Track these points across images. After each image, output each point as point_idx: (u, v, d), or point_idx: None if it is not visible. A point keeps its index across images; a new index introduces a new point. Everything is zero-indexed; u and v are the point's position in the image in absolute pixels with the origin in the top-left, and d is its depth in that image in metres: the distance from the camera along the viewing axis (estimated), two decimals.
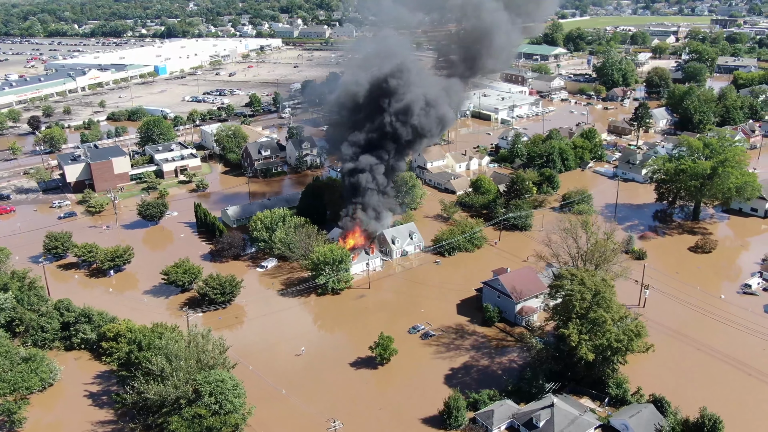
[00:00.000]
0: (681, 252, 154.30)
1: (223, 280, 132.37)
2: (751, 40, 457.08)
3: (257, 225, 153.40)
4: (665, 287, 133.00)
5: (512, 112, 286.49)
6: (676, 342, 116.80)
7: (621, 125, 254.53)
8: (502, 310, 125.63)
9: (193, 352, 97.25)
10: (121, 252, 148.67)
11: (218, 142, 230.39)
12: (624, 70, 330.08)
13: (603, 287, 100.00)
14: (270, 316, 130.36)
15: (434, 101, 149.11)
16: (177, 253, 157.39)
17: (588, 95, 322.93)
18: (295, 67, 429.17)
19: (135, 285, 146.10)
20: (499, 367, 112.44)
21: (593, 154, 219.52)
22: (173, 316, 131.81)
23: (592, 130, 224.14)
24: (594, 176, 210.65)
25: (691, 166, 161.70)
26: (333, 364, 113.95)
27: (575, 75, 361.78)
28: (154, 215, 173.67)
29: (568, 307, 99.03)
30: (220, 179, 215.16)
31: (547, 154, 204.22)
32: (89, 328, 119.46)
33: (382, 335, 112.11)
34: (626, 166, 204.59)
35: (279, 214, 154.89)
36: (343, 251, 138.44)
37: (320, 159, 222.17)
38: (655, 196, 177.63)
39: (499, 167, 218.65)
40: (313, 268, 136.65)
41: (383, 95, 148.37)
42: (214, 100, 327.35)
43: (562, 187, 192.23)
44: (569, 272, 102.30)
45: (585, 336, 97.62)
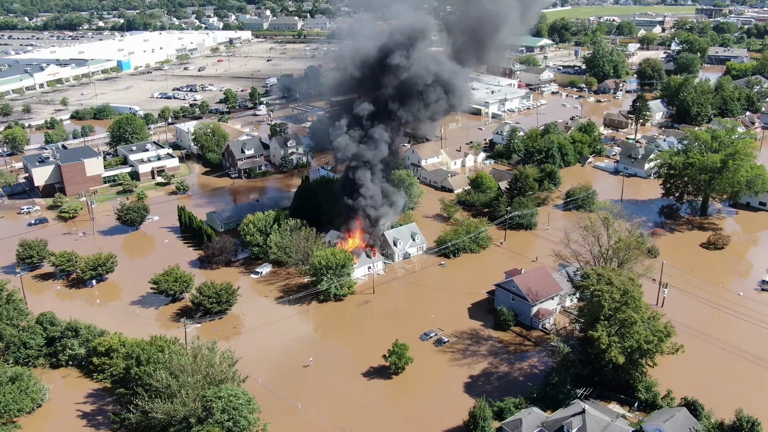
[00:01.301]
0: (693, 248, 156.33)
1: (219, 288, 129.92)
2: (738, 29, 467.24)
3: (250, 228, 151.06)
4: (682, 285, 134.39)
5: (503, 105, 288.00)
6: (700, 341, 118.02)
7: (617, 118, 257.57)
8: (517, 313, 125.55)
9: (200, 366, 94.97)
10: (104, 260, 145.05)
11: (196, 141, 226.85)
12: (615, 61, 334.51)
13: (631, 286, 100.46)
14: (270, 326, 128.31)
15: (443, 76, 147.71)
16: (162, 260, 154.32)
17: (579, 88, 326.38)
18: (269, 61, 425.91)
19: (120, 295, 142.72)
20: (521, 373, 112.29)
21: (592, 149, 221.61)
22: (164, 327, 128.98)
23: (590, 124, 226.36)
24: (594, 172, 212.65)
25: (699, 159, 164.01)
26: (345, 375, 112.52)
27: (564, 67, 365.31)
28: (134, 220, 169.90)
29: (596, 307, 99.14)
30: (200, 180, 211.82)
31: (546, 149, 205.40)
32: (77, 343, 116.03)
33: (396, 343, 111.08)
34: (628, 160, 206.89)
35: (273, 216, 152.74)
36: (346, 255, 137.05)
37: (307, 158, 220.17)
38: (661, 191, 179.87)
39: (495, 163, 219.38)
40: (314, 273, 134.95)
41: (388, 69, 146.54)
42: (186, 97, 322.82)
43: (562, 184, 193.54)
44: (595, 271, 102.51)
45: (615, 338, 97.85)
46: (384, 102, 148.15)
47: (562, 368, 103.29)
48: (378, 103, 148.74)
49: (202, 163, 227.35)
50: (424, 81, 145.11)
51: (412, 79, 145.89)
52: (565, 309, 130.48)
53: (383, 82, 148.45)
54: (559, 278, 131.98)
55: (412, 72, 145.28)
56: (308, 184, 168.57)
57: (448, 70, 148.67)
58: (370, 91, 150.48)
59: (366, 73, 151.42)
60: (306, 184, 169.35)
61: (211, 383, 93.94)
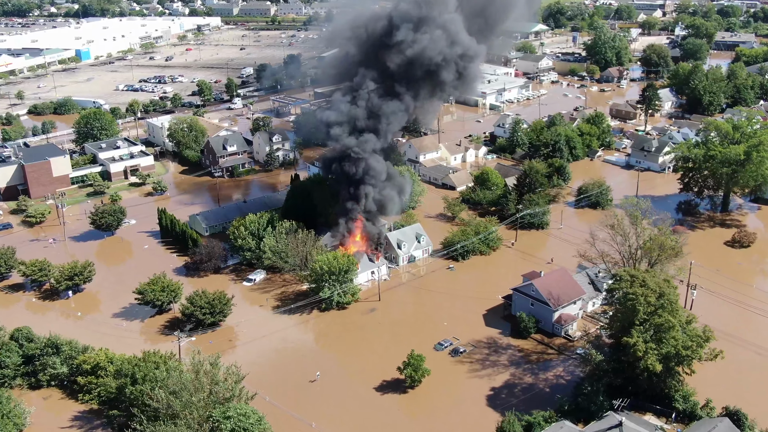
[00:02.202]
0: (717, 247, 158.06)
1: (212, 297, 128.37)
2: (744, 13, 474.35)
3: (241, 232, 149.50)
4: (709, 286, 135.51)
5: (501, 96, 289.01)
6: (734, 346, 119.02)
7: (624, 109, 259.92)
8: (537, 319, 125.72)
9: (203, 383, 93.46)
10: (80, 269, 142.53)
11: (172, 137, 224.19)
12: (617, 47, 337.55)
13: (666, 288, 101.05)
14: (269, 338, 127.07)
15: (458, 52, 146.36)
16: (143, 268, 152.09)
17: (580, 76, 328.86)
18: (242, 50, 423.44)
19: (99, 307, 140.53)
20: (546, 384, 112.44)
21: (601, 142, 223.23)
22: (150, 341, 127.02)
23: (599, 115, 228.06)
24: (604, 166, 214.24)
25: (721, 151, 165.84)
26: (356, 390, 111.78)
27: (563, 54, 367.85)
28: (110, 224, 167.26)
29: (630, 312, 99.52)
30: (178, 180, 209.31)
31: (553, 142, 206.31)
32: (59, 361, 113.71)
33: (412, 354, 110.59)
34: (640, 153, 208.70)
35: (267, 218, 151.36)
36: (349, 259, 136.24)
37: (294, 154, 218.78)
38: (679, 186, 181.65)
39: (498, 158, 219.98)
40: (315, 279, 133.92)
41: (393, 44, 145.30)
42: (154, 89, 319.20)
43: (572, 179, 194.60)
44: (627, 273, 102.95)
45: (651, 344, 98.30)
46: (387, 83, 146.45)
47: (594, 378, 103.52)
48: (380, 84, 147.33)
49: (179, 161, 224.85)
50: (437, 58, 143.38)
51: (421, 55, 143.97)
52: (588, 314, 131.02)
53: (388, 59, 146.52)
54: (580, 281, 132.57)
55: (421, 47, 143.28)
56: (301, 182, 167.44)
57: (465, 44, 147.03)
58: (370, 71, 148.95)
59: (367, 50, 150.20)
60: (299, 182, 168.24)
61: (217, 402, 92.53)
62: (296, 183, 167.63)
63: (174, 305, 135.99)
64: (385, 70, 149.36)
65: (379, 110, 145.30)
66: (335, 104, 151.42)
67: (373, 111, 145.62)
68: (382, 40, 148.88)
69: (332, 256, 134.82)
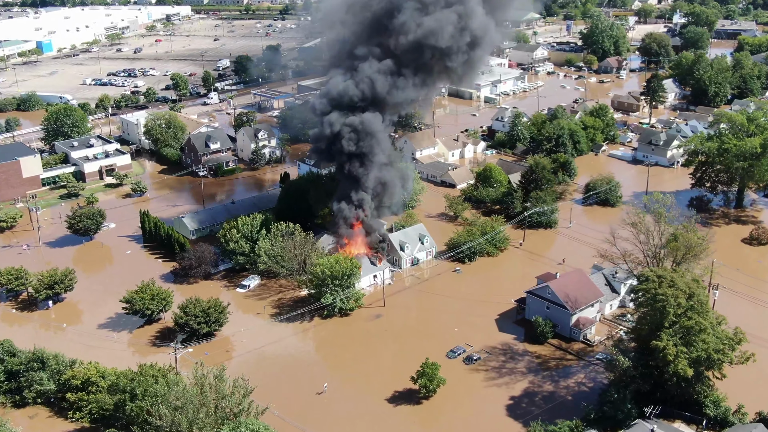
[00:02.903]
0: (734, 244, 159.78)
1: (206, 305, 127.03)
2: (743, 0, 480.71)
3: (233, 235, 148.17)
4: (730, 285, 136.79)
5: (496, 88, 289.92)
6: (762, 348, 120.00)
7: (627, 100, 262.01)
8: (554, 323, 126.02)
9: (209, 398, 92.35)
10: (60, 277, 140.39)
11: (149, 135, 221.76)
12: (615, 36, 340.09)
13: (696, 289, 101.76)
14: (268, 348, 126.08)
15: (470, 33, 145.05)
16: (126, 275, 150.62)
17: (577, 67, 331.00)
18: (216, 41, 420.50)
19: (81, 318, 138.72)
20: (568, 392, 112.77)
21: (605, 135, 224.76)
22: (139, 353, 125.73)
23: (602, 107, 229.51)
24: (609, 161, 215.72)
25: (736, 144, 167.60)
26: (367, 402, 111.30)
27: (558, 43, 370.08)
28: (88, 229, 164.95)
29: (659, 314, 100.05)
30: (157, 180, 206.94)
31: (556, 136, 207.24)
32: (45, 377, 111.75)
33: (426, 363, 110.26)
34: (647, 147, 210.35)
35: (260, 219, 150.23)
36: (353, 262, 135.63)
37: (281, 151, 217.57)
38: (690, 181, 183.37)
39: (498, 154, 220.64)
40: (316, 285, 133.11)
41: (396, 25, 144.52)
42: (125, 83, 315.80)
43: (577, 175, 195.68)
44: (655, 273, 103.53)
45: (682, 348, 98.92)
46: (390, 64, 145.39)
47: (620, 384, 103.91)
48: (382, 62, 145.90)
49: (156, 159, 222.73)
50: (446, 42, 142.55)
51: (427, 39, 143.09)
52: (606, 317, 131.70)
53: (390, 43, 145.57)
54: (595, 282, 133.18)
55: (428, 30, 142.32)
56: (295, 181, 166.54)
57: (478, 25, 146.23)
58: (373, 49, 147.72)
59: (364, 33, 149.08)
60: (293, 181, 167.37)
61: (225, 418, 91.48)
62: (290, 182, 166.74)
63: (164, 314, 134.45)
64: (386, 51, 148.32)
65: (385, 87, 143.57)
66: (333, 82, 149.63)
67: (377, 88, 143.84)
68: (383, 22, 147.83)
69: (334, 259, 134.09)
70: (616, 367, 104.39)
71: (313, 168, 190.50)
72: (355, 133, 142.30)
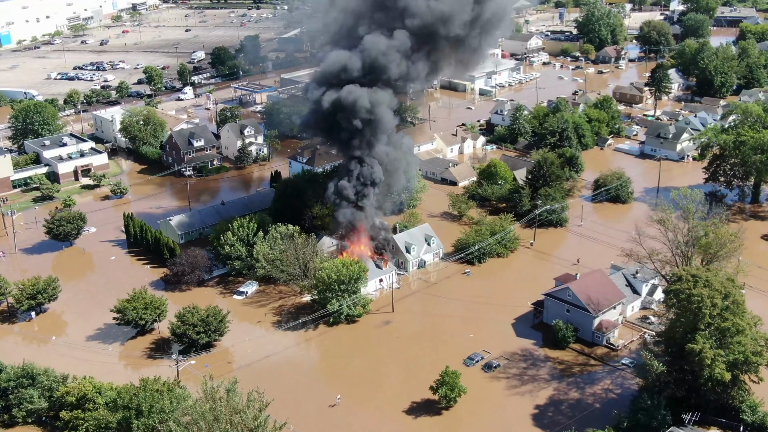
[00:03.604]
0: (754, 241, 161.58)
1: (205, 314, 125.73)
2: None
3: (228, 238, 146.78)
4: (757, 284, 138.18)
5: (491, 80, 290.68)
6: None
7: (629, 92, 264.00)
8: (575, 327, 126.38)
9: (222, 413, 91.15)
10: (44, 285, 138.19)
11: (126, 132, 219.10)
12: (612, 25, 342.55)
13: (732, 289, 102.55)
14: (273, 359, 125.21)
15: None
16: (113, 283, 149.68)
17: (573, 57, 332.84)
18: (187, 31, 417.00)
19: (68, 329, 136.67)
20: (595, 399, 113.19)
21: (610, 129, 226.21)
22: (132, 366, 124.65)
23: (607, 99, 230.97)
24: (615, 155, 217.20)
25: (753, 136, 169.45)
26: (385, 414, 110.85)
27: (552, 32, 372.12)
28: (69, 233, 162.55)
29: (695, 315, 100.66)
30: (137, 181, 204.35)
31: (560, 130, 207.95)
32: (36, 394, 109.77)
33: (446, 371, 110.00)
34: (656, 141, 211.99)
35: (257, 221, 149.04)
36: (360, 266, 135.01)
37: (268, 149, 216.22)
38: (704, 175, 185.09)
39: (499, 149, 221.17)
40: (322, 290, 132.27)
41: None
42: (93, 77, 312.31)
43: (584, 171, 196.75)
44: (689, 272, 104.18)
45: (719, 351, 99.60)
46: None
47: (654, 390, 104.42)
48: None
49: (134, 158, 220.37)
50: (460, 20, 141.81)
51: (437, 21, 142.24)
52: (628, 320, 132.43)
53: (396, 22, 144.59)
54: (616, 283, 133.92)
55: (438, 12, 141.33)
56: (290, 180, 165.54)
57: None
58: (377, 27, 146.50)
59: (365, 12, 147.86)
60: (288, 180, 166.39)
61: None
62: (285, 181, 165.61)
63: (157, 324, 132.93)
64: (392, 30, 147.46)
65: (393, 58, 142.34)
66: (334, 54, 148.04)
67: (382, 60, 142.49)
68: (385, 3, 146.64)
69: (340, 262, 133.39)
70: (649, 372, 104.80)
71: (306, 166, 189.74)
72: (361, 104, 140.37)
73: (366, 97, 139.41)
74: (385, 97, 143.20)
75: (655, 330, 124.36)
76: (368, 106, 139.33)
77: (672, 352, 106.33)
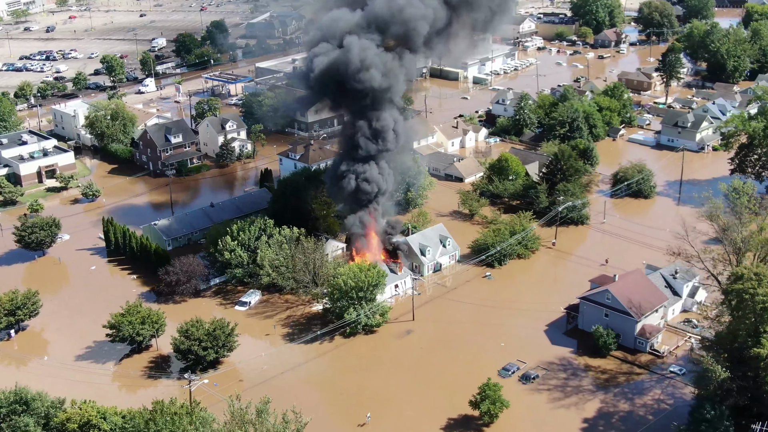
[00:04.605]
0: None
1: (212, 327, 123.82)
2: None
3: (228, 243, 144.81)
4: None
5: (485, 67, 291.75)
6: None
7: (637, 78, 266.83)
8: (616, 332, 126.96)
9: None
10: (23, 300, 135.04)
11: (92, 128, 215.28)
12: (610, 6, 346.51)
13: None
14: (289, 375, 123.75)
15: None
16: (96, 296, 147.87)
17: (570, 41, 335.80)
18: (143, 16, 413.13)
19: (54, 348, 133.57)
20: (647, 411, 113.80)
21: (621, 118, 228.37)
22: (128, 388, 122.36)
23: (618, 85, 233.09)
24: (629, 146, 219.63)
25: None
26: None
27: (545, 15, 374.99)
28: (42, 241, 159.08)
29: (761, 317, 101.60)
30: (108, 182, 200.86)
31: (570, 120, 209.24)
32: (31, 422, 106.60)
33: (488, 384, 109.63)
34: (673, 131, 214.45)
35: (259, 225, 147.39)
36: (379, 271, 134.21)
37: (252, 145, 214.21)
38: (729, 166, 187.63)
39: (502, 141, 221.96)
40: (338, 298, 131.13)
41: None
42: (43, 68, 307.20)
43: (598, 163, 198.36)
44: (750, 271, 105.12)
45: None
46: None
47: (716, 399, 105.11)
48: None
49: (101, 157, 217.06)
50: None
51: None
52: (668, 324, 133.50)
53: None
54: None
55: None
56: (290, 178, 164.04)
57: None
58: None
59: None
60: (287, 178, 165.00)
61: None
62: (284, 179, 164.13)
63: (155, 340, 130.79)
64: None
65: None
66: (335, 12, 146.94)
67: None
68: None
69: (357, 267, 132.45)
70: (710, 379, 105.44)
71: (299, 163, 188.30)
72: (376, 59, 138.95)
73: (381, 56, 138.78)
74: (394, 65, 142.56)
75: (702, 334, 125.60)
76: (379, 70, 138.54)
77: (731, 357, 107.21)
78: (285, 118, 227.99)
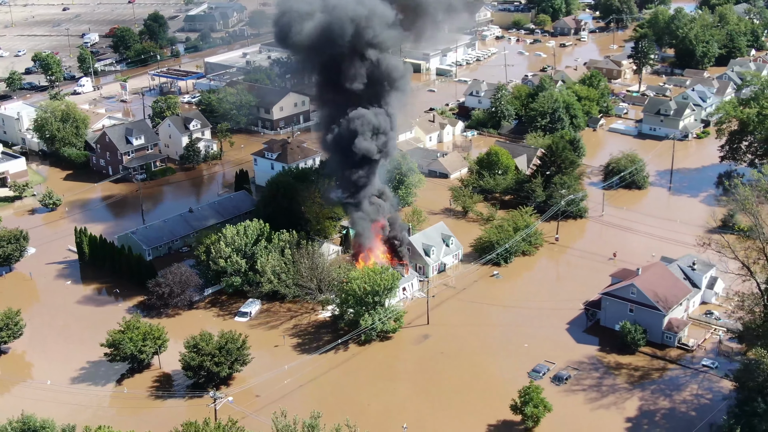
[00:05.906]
0: None
1: (223, 340, 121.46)
2: None
3: (222, 250, 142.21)
4: None
5: (446, 57, 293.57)
6: None
7: (606, 66, 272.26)
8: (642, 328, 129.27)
9: None
10: (5, 320, 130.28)
11: (40, 132, 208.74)
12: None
13: None
14: (308, 388, 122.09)
15: None
16: (78, 313, 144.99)
17: (528, 30, 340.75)
18: (65, 10, 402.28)
19: (42, 371, 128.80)
20: (688, 407, 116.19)
21: (600, 107, 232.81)
22: (134, 410, 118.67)
23: (595, 74, 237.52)
24: (611, 136, 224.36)
25: None
26: None
27: (501, 2, 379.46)
28: (9, 256, 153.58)
29: None
30: (64, 190, 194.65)
31: (551, 111, 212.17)
32: None
33: (531, 387, 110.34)
34: (655, 119, 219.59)
35: (256, 229, 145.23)
36: (393, 274, 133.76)
37: (219, 144, 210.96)
38: (719, 153, 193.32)
39: (480, 134, 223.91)
40: (353, 303, 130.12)
41: None
42: None
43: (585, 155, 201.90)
44: None
45: None
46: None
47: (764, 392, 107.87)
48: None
49: (51, 162, 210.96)
50: None
51: None
52: (691, 316, 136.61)
53: None
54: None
55: None
56: (279, 179, 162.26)
57: None
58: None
59: None
60: (276, 179, 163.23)
61: None
62: (274, 181, 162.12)
63: (158, 357, 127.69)
64: None
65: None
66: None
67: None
68: None
69: (371, 271, 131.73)
70: (758, 372, 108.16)
71: (276, 162, 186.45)
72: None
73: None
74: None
75: (726, 326, 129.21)
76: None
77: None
78: (248, 116, 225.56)
